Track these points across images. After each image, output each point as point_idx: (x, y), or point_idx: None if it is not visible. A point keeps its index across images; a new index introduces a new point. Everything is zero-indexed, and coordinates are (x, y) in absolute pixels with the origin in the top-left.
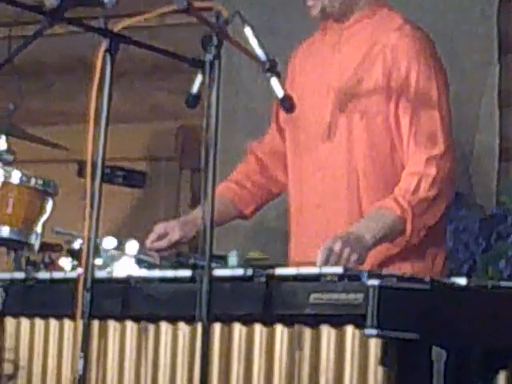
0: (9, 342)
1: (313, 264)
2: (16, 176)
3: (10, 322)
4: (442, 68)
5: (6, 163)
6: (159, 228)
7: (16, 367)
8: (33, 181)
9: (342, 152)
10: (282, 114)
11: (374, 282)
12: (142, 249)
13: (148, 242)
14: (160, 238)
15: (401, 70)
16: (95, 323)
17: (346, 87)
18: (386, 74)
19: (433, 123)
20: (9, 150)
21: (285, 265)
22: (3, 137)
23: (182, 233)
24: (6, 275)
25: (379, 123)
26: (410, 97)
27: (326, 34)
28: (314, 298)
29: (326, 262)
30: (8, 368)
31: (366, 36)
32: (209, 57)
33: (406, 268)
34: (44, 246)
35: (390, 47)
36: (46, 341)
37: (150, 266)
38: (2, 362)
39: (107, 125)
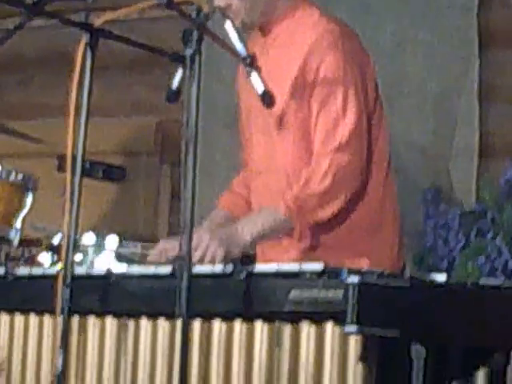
0: None
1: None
2: None
3: None
4: (360, 59)
5: None
6: (161, 244)
7: None
8: (12, 175)
9: (277, 150)
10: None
11: (354, 278)
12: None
13: (150, 256)
14: (160, 253)
15: (313, 65)
16: (75, 319)
17: (283, 86)
18: (301, 72)
19: (335, 116)
20: None
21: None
22: None
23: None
24: None
25: (301, 121)
26: (319, 89)
27: (252, 41)
28: (293, 294)
29: (195, 251)
30: None
31: (286, 37)
32: (189, 51)
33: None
34: (23, 242)
35: (306, 44)
36: (25, 336)
37: (130, 261)
38: None
39: (87, 119)
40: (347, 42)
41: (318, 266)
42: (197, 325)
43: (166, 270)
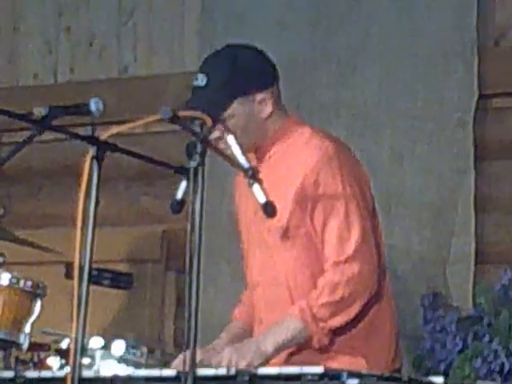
0: None
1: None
2: (5, 278)
3: None
4: (356, 171)
5: (0, 265)
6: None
7: None
8: (22, 282)
9: (277, 262)
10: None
11: (354, 381)
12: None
13: (173, 365)
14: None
15: (311, 182)
16: None
17: (285, 199)
18: (301, 189)
19: (340, 231)
20: (2, 254)
21: None
22: None
23: (202, 357)
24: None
25: (302, 236)
26: (320, 205)
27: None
28: None
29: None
30: None
31: (280, 158)
32: (193, 164)
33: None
34: (33, 346)
35: (301, 163)
36: None
37: (137, 365)
38: None
39: (94, 228)
40: (342, 155)
41: (318, 370)
42: None
43: (170, 373)
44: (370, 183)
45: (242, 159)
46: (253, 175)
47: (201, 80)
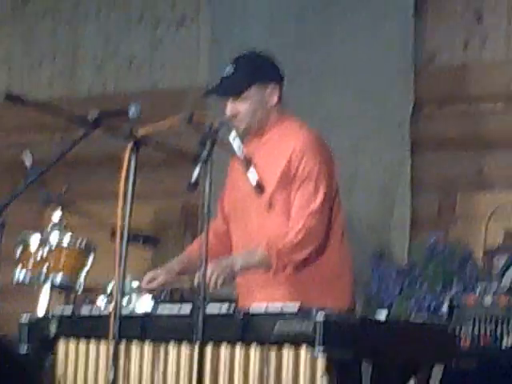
0: (60, 358)
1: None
2: (67, 238)
3: (61, 344)
4: (329, 162)
5: (60, 229)
6: (149, 274)
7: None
8: (78, 242)
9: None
10: (226, 205)
11: (320, 316)
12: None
13: (142, 284)
14: (151, 281)
15: (295, 164)
16: (122, 344)
17: (271, 179)
18: (287, 168)
19: (310, 192)
20: (62, 220)
21: None
22: (58, 210)
23: (166, 278)
24: (59, 310)
25: (284, 204)
26: (298, 179)
27: (250, 141)
28: (277, 327)
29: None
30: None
31: (275, 140)
32: (204, 153)
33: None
34: (86, 289)
35: (290, 147)
36: (87, 356)
37: (163, 302)
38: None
39: (132, 202)
40: (322, 148)
41: (294, 308)
42: (209, 348)
43: (186, 309)
44: (337, 170)
45: (239, 150)
46: (248, 162)
47: (228, 70)
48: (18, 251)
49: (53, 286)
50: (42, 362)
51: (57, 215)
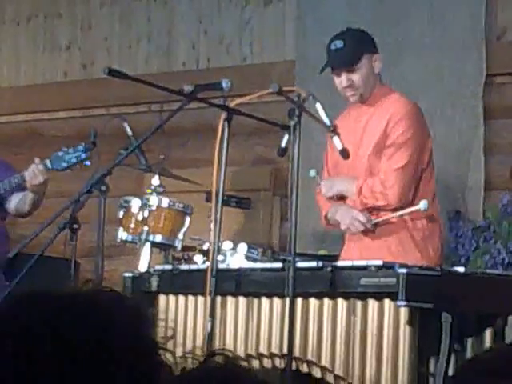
0: (161, 312)
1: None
2: (166, 201)
3: (162, 298)
4: (424, 131)
5: (159, 193)
6: (326, 182)
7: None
8: (176, 204)
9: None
10: (330, 162)
11: (403, 270)
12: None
13: (323, 191)
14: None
15: (392, 127)
16: (218, 298)
17: (369, 143)
18: (383, 134)
19: (401, 156)
20: (161, 185)
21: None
22: (157, 176)
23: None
24: (160, 267)
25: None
26: (391, 141)
27: (350, 110)
28: (363, 281)
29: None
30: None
31: (375, 108)
32: (292, 123)
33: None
34: (184, 248)
35: (388, 114)
36: (186, 310)
37: (255, 260)
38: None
39: (225, 168)
40: (419, 119)
41: (378, 262)
42: (299, 301)
43: (278, 265)
44: (431, 144)
45: (325, 119)
46: (333, 130)
47: (339, 44)
48: (121, 214)
49: (153, 245)
50: None
51: (155, 181)
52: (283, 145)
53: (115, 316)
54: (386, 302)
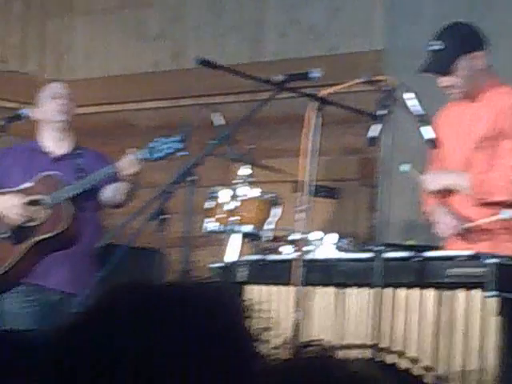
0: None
1: None
2: (254, 192)
3: (250, 289)
4: None
5: (248, 183)
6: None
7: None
8: (266, 195)
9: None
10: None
11: (494, 260)
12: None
13: (426, 184)
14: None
15: (502, 119)
16: (307, 289)
17: (472, 138)
18: (492, 126)
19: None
20: (249, 175)
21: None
22: (246, 166)
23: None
24: (248, 257)
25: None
26: (504, 134)
27: (453, 105)
28: (451, 271)
29: None
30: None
31: (483, 103)
32: (383, 112)
33: None
34: (273, 238)
35: (497, 108)
36: (274, 301)
37: (345, 250)
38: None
39: (314, 158)
40: None
41: (469, 252)
42: (387, 292)
43: (366, 255)
44: None
45: (416, 109)
46: (423, 120)
47: (437, 45)
48: (209, 204)
49: (241, 236)
50: None
51: (244, 171)
52: (373, 134)
53: (215, 306)
54: (475, 292)
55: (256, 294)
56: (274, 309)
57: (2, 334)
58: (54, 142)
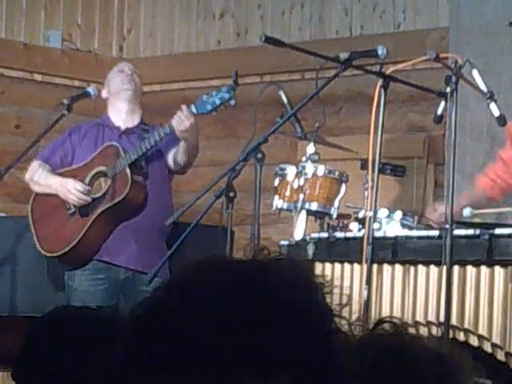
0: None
1: None
2: (321, 169)
3: (318, 266)
4: None
5: (314, 161)
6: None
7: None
8: (332, 172)
9: None
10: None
11: None
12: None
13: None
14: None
15: None
16: (375, 266)
17: None
18: None
19: None
20: (316, 153)
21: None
22: (312, 144)
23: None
24: (315, 235)
25: None
26: None
27: None
28: None
29: None
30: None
31: None
32: (449, 89)
33: None
34: (340, 215)
35: None
36: (342, 278)
37: (410, 228)
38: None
39: (382, 135)
40: None
41: None
42: (456, 269)
43: (435, 233)
44: None
45: (482, 86)
46: (490, 96)
47: None
48: (276, 182)
49: (308, 213)
50: None
51: (311, 148)
52: (439, 112)
53: (295, 282)
54: None
55: (324, 271)
56: (341, 286)
57: (82, 310)
58: (121, 116)
